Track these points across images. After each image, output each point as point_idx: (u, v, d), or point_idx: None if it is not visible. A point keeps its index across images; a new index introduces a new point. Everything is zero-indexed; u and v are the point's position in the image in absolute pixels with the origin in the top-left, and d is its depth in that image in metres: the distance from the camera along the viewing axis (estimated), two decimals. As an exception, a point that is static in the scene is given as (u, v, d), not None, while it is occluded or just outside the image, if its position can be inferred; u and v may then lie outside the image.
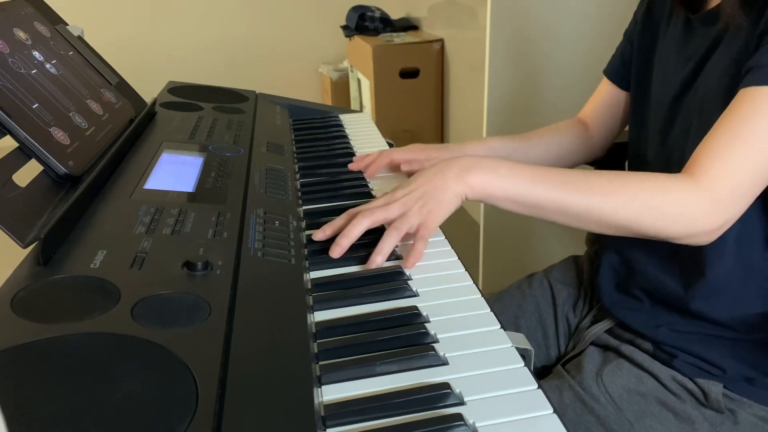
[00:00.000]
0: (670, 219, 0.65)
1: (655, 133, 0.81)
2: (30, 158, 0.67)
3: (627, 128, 0.93)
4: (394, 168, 0.93)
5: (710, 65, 0.72)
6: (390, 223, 0.71)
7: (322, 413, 0.47)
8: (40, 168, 0.68)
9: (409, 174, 0.91)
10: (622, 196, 0.66)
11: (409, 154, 0.92)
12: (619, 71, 0.92)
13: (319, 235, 0.72)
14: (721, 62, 0.70)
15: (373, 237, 0.71)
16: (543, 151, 0.97)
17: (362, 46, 2.73)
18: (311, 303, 0.61)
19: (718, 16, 0.71)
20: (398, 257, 0.70)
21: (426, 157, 0.91)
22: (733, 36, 0.69)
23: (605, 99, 0.96)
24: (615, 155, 1.03)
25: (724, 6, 0.69)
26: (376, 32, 2.85)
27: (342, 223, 0.72)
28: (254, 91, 1.22)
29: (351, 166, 0.94)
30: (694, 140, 0.72)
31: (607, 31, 0.99)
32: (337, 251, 0.69)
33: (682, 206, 0.64)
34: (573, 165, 1.01)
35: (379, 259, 0.68)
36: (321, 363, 0.53)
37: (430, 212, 0.70)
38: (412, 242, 0.69)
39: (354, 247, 0.71)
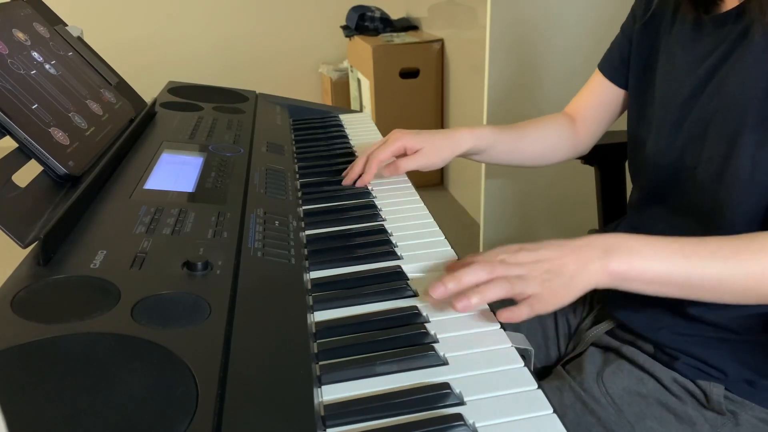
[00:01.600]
0: None
1: (662, 135, 0.79)
2: (30, 158, 0.67)
3: (626, 127, 0.92)
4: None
5: (729, 69, 0.70)
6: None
7: (322, 413, 0.47)
8: (40, 168, 0.68)
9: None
10: None
11: (389, 149, 0.88)
12: (617, 68, 0.90)
13: (440, 290, 0.61)
14: (747, 68, 0.67)
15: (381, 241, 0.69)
16: (531, 144, 0.96)
17: (362, 46, 2.73)
18: (311, 303, 0.61)
19: (736, 17, 0.69)
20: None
21: (403, 146, 0.88)
22: (763, 41, 0.66)
23: (598, 95, 0.94)
24: (615, 156, 1.03)
25: (753, 6, 0.66)
26: (376, 32, 2.85)
27: (463, 265, 0.63)
28: (254, 91, 1.22)
29: (345, 183, 0.90)
30: (714, 148, 0.71)
31: (606, 31, 0.99)
32: (438, 293, 0.61)
33: None
34: (558, 161, 1.00)
35: (474, 300, 0.59)
36: (321, 363, 0.53)
37: (552, 291, 0.61)
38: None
39: (356, 247, 0.71)
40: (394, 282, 0.65)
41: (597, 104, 0.95)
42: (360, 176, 0.90)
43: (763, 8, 0.65)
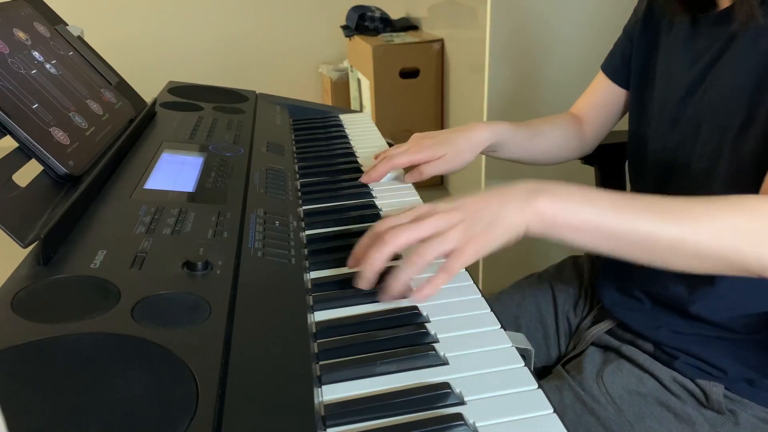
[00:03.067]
0: None
1: (658, 134, 0.80)
2: (30, 158, 0.67)
3: (627, 128, 0.93)
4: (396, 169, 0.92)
5: (721, 67, 0.71)
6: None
7: (322, 413, 0.47)
8: (40, 168, 0.68)
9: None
10: (717, 220, 0.57)
11: (410, 157, 0.87)
12: (618, 68, 0.91)
13: (363, 284, 0.61)
14: (736, 65, 0.68)
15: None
16: (543, 141, 0.97)
17: (362, 46, 2.73)
18: (311, 303, 0.61)
19: (730, 16, 0.69)
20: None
21: (428, 157, 0.86)
22: (752, 38, 0.67)
23: (601, 95, 0.95)
24: (615, 156, 1.03)
25: (743, 6, 0.66)
26: (376, 32, 2.85)
27: (365, 244, 0.62)
28: (254, 91, 1.22)
29: (362, 180, 0.89)
30: (705, 143, 0.71)
31: (607, 31, 0.99)
32: (363, 284, 0.61)
33: None
34: (565, 159, 1.00)
35: (387, 297, 0.60)
36: (321, 363, 0.53)
37: (473, 238, 0.57)
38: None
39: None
40: (394, 282, 0.64)
41: (600, 105, 0.95)
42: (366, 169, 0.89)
43: (752, 7, 0.66)
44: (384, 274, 0.61)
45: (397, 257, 0.62)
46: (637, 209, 0.58)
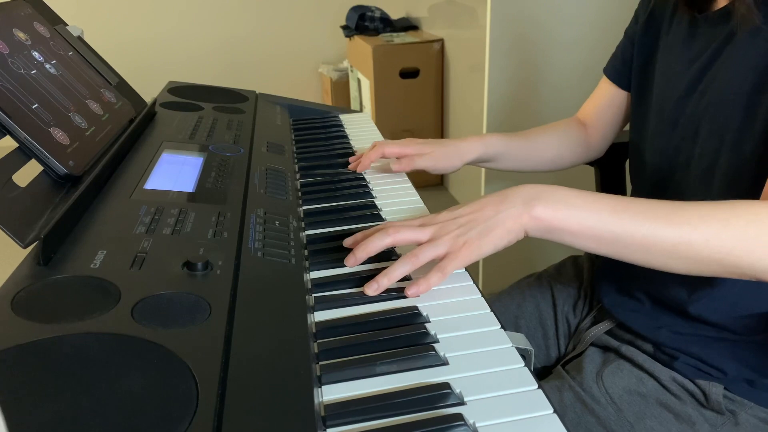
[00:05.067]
0: None
1: (657, 135, 0.80)
2: (30, 158, 0.67)
3: (627, 128, 0.93)
4: (388, 166, 0.93)
5: (719, 67, 0.70)
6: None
7: (322, 413, 0.47)
8: (40, 168, 0.68)
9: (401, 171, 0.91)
10: (713, 224, 0.57)
11: (400, 148, 0.91)
12: (620, 71, 0.91)
13: (350, 260, 0.66)
14: (734, 65, 0.68)
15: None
16: (542, 150, 0.97)
17: (362, 46, 2.73)
18: (311, 303, 0.61)
19: (727, 16, 0.69)
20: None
21: (417, 151, 0.90)
22: (750, 38, 0.67)
23: (605, 99, 0.95)
24: (615, 156, 1.03)
25: (739, 6, 0.66)
26: (376, 32, 2.85)
27: (368, 232, 0.67)
28: (254, 91, 1.22)
29: (351, 167, 0.94)
30: (705, 144, 0.71)
31: (607, 31, 0.99)
32: (350, 261, 0.65)
33: None
34: (571, 165, 1.01)
35: (374, 286, 0.61)
36: (321, 363, 0.53)
37: (466, 243, 0.60)
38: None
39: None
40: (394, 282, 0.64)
41: (605, 108, 0.95)
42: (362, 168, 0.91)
43: (749, 6, 0.65)
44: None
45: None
46: (635, 213, 0.59)
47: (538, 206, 0.60)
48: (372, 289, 0.62)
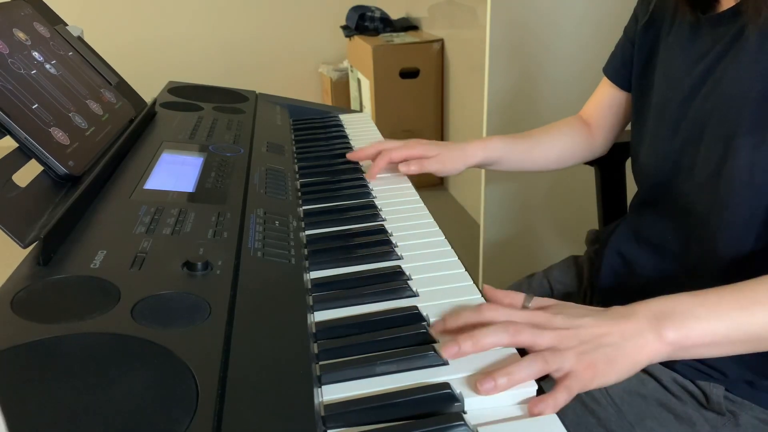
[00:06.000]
0: None
1: (660, 136, 0.79)
2: (30, 158, 0.67)
3: (629, 127, 0.93)
4: (393, 167, 0.93)
5: (724, 69, 0.69)
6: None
7: (322, 413, 0.47)
8: (40, 168, 0.68)
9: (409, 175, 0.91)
10: None
11: (406, 151, 0.91)
12: (619, 71, 0.91)
13: (438, 326, 0.57)
14: (741, 68, 0.67)
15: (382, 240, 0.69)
16: (546, 151, 0.97)
17: (362, 46, 2.73)
18: (311, 303, 0.61)
19: (733, 17, 0.68)
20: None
21: (424, 152, 0.91)
22: (758, 40, 0.65)
23: (606, 99, 0.95)
24: (616, 155, 1.03)
25: (749, 6, 0.65)
26: (376, 32, 2.86)
27: (470, 319, 0.57)
28: (254, 91, 1.22)
29: (348, 156, 0.95)
30: (710, 147, 0.70)
31: (607, 31, 0.99)
32: (451, 351, 0.53)
33: None
34: (574, 164, 1.01)
35: (501, 382, 0.50)
36: (321, 363, 0.53)
37: (591, 365, 0.53)
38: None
39: (356, 247, 0.71)
40: (394, 282, 0.65)
41: (605, 108, 0.96)
42: (366, 169, 0.92)
43: (758, 7, 0.65)
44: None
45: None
46: (758, 302, 0.57)
47: (668, 330, 0.55)
48: (487, 387, 0.50)
